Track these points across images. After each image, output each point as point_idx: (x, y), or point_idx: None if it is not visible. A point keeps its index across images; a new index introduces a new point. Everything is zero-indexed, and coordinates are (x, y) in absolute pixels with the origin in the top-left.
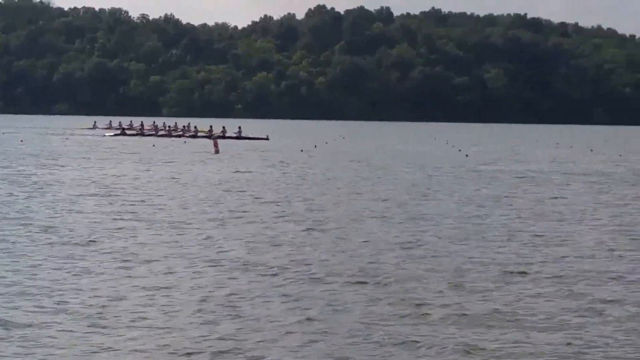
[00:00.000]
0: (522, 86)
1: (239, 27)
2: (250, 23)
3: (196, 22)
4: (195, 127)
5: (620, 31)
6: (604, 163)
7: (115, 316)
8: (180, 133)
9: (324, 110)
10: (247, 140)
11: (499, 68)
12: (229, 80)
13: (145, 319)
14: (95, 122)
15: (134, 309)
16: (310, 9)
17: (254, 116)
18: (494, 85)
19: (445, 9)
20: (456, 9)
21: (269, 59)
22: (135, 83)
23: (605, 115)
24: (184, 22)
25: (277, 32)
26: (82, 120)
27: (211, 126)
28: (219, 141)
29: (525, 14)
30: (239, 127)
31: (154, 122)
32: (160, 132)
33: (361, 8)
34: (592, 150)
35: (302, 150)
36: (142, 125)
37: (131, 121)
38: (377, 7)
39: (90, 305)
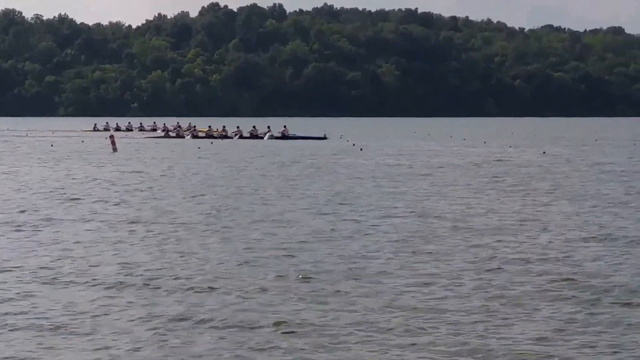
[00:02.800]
0: (415, 80)
1: (133, 26)
2: (144, 22)
3: (90, 22)
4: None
5: (509, 24)
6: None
7: None
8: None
9: (219, 107)
10: (303, 140)
11: (391, 63)
12: (124, 79)
13: None
14: (95, 124)
15: None
16: (203, 7)
17: (149, 114)
18: (387, 80)
19: (337, 5)
20: (348, 4)
21: (163, 57)
22: (30, 83)
23: (496, 107)
24: (78, 21)
25: (171, 30)
26: None
27: (224, 126)
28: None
29: (416, 8)
30: (284, 127)
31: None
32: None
33: (254, 5)
34: (485, 142)
35: (199, 147)
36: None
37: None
38: (270, 4)
39: None
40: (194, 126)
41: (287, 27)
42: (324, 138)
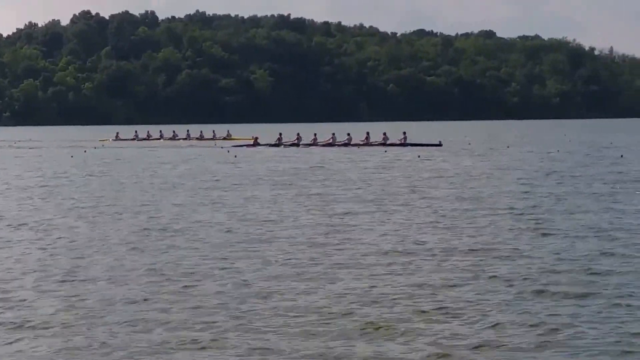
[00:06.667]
0: (288, 86)
1: (4, 35)
2: (14, 30)
3: None
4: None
5: (381, 29)
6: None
7: None
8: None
9: (92, 115)
10: (418, 147)
11: (265, 69)
12: None
13: None
14: (117, 133)
15: None
16: (75, 15)
17: (21, 123)
18: (260, 86)
19: (209, 12)
20: (220, 11)
21: (34, 66)
22: None
23: (369, 111)
24: None
25: (42, 38)
26: None
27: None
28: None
29: (289, 14)
30: (404, 133)
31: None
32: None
33: (126, 13)
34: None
35: (86, 150)
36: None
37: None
38: (142, 11)
39: None
40: (256, 137)
41: (159, 35)
42: (439, 145)
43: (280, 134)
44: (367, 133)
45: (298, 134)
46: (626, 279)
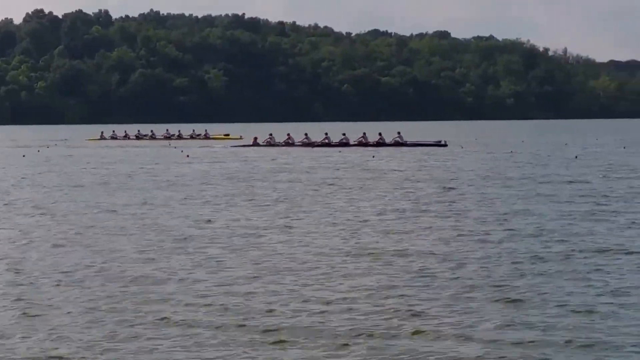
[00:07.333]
0: (243, 86)
1: None
2: None
3: None
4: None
5: (336, 29)
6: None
7: None
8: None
9: (45, 114)
10: (423, 147)
11: (219, 69)
12: None
13: None
14: (102, 132)
15: None
16: (27, 13)
17: None
18: (214, 85)
19: (164, 11)
20: (175, 10)
21: None
22: None
23: (324, 111)
24: None
25: None
26: None
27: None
28: None
29: (244, 14)
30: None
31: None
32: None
33: (79, 12)
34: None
35: (24, 155)
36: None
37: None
38: (96, 10)
39: None
40: (255, 137)
41: (113, 34)
42: (444, 145)
43: (271, 134)
44: (364, 133)
45: (289, 135)
46: (557, 283)
